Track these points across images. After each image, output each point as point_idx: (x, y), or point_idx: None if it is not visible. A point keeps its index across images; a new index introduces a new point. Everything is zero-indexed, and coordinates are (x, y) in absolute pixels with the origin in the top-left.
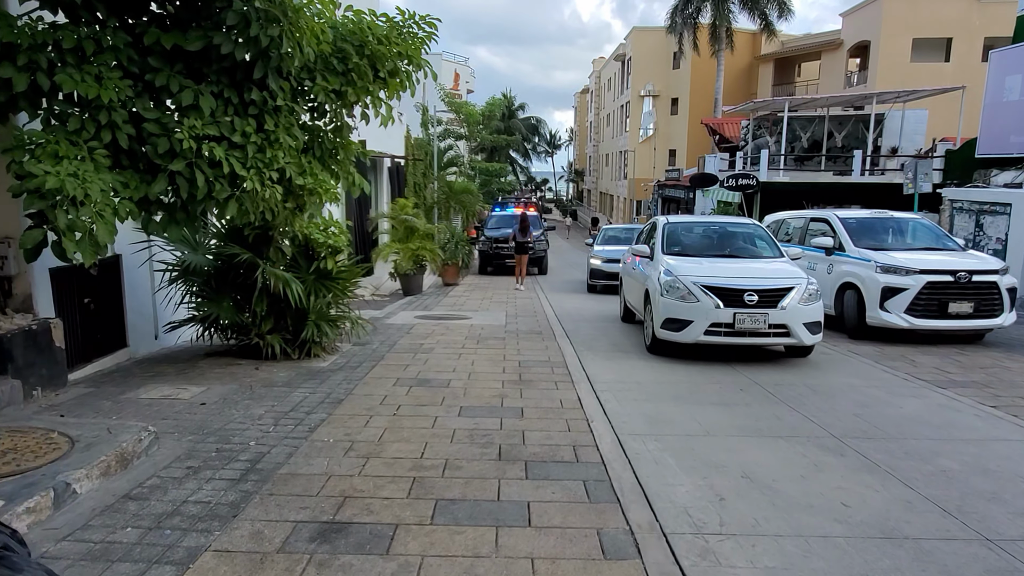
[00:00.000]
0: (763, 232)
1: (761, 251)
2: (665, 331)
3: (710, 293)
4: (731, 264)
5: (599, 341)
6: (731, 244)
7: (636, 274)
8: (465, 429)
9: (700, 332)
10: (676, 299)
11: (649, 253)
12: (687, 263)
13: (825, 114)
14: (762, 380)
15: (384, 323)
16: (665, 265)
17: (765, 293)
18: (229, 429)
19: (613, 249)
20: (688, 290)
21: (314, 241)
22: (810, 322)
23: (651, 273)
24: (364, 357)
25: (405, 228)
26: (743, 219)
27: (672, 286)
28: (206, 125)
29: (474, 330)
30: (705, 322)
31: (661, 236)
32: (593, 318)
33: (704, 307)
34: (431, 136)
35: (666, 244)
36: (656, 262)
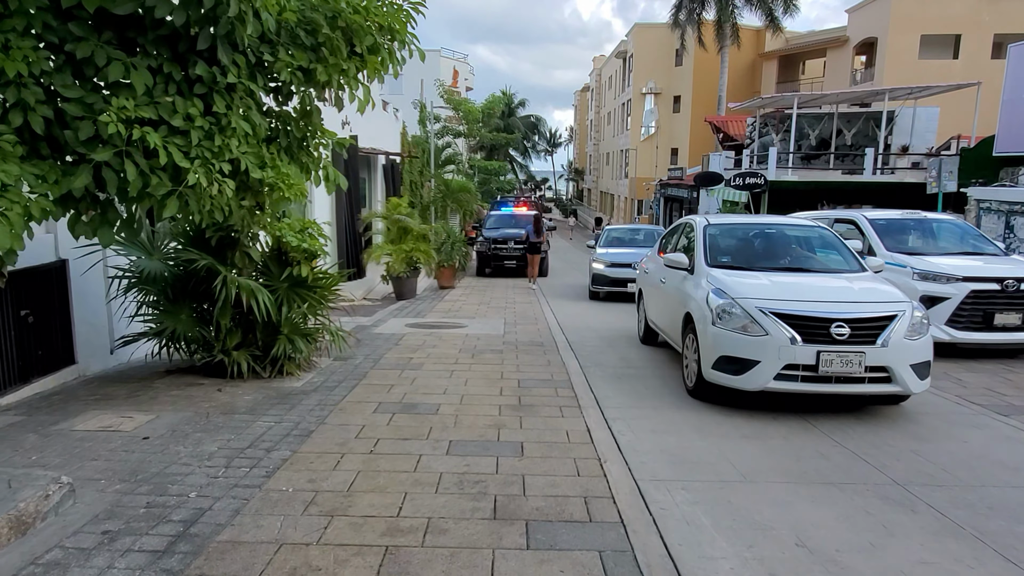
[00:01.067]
0: (831, 236)
1: (833, 262)
2: (719, 373)
3: (783, 323)
4: (803, 281)
5: (606, 355)
6: (793, 253)
7: (668, 290)
8: (454, 473)
9: (769, 376)
10: (734, 330)
11: (687, 265)
12: (745, 280)
13: (834, 111)
14: None
15: (371, 332)
16: (715, 282)
17: (860, 324)
18: (170, 473)
19: (618, 252)
20: (751, 318)
21: (286, 244)
22: (918, 362)
23: (693, 291)
24: (344, 375)
25: (398, 228)
26: (802, 220)
27: (728, 312)
28: (140, 106)
29: (469, 341)
30: (777, 362)
31: (703, 243)
32: (602, 332)
33: (775, 342)
34: (428, 133)
35: (710, 253)
36: (699, 276)
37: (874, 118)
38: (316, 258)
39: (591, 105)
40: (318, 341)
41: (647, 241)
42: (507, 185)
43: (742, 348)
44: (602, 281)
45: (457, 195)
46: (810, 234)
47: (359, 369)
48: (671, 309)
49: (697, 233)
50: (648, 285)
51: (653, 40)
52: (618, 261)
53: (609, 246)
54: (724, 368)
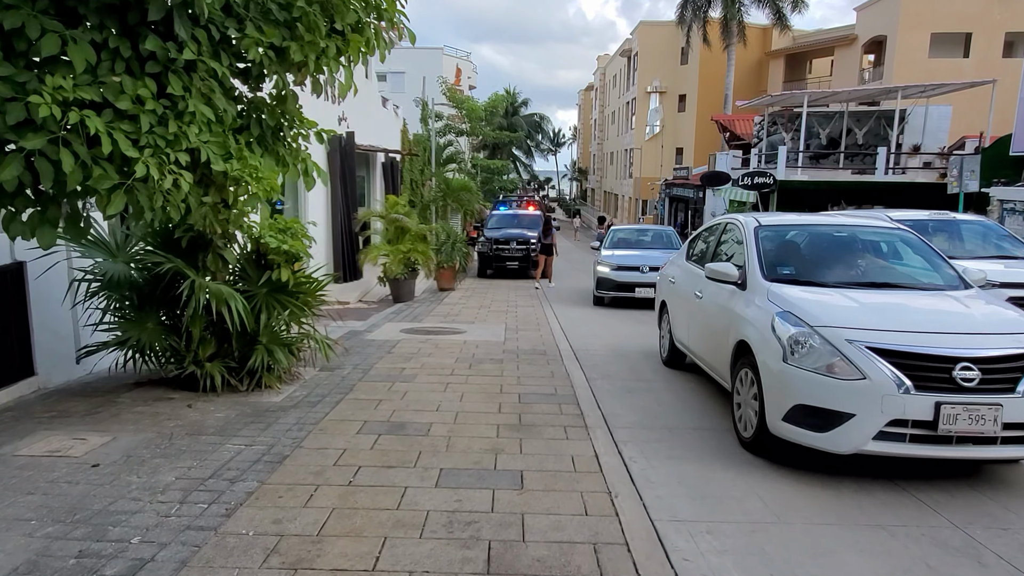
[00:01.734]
0: (917, 241)
1: (924, 274)
2: (793, 427)
3: (886, 362)
4: (903, 303)
5: (613, 366)
6: (871, 262)
7: (707, 307)
8: (443, 511)
9: (868, 435)
10: (815, 370)
11: (737, 277)
12: (823, 300)
13: (844, 110)
14: None
15: (363, 339)
16: (780, 302)
17: (993, 364)
18: (114, 512)
19: (625, 254)
20: (840, 354)
21: (265, 246)
22: None
23: (748, 312)
24: (329, 388)
25: (395, 228)
26: (878, 220)
27: (805, 344)
28: (80, 86)
29: (467, 349)
30: (879, 417)
31: (756, 249)
32: (609, 340)
33: (876, 388)
34: (430, 131)
35: (767, 262)
36: (754, 293)
37: (885, 117)
38: (298, 261)
39: (595, 104)
40: (301, 351)
41: (656, 243)
42: (510, 184)
43: (828, 396)
44: (607, 285)
45: (458, 194)
46: (889, 238)
47: (346, 381)
48: (713, 332)
49: (746, 236)
50: (676, 297)
51: (658, 38)
52: (625, 264)
53: (615, 248)
54: (801, 421)
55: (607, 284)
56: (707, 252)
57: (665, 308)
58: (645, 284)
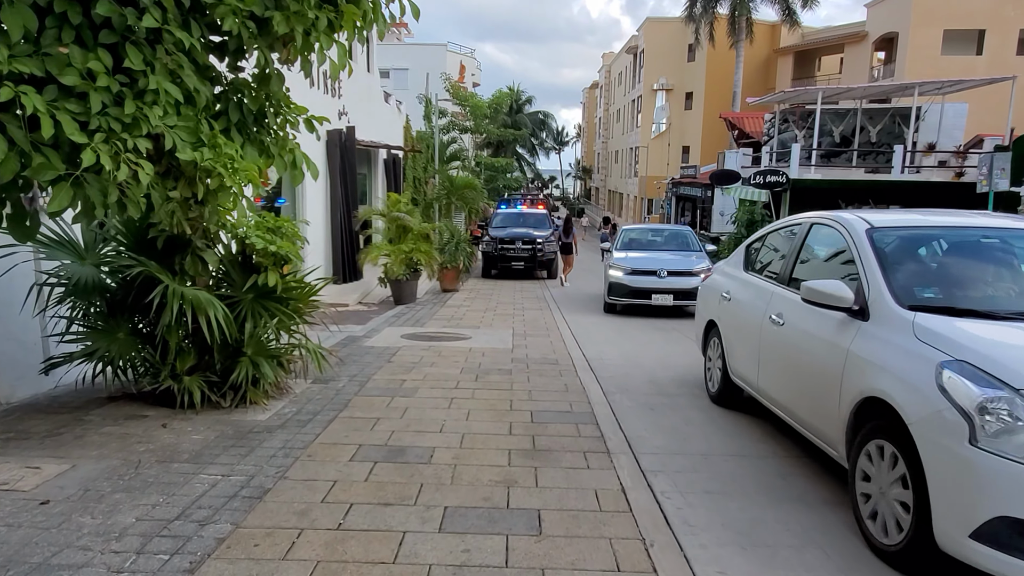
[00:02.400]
0: None
1: None
2: (992, 551)
3: None
4: None
5: (632, 379)
6: None
7: (793, 338)
8: (448, 566)
9: None
10: None
11: (854, 303)
12: (1015, 341)
13: (857, 107)
14: None
15: (362, 346)
16: (947, 344)
17: None
18: (56, 566)
19: (639, 257)
20: None
21: (250, 247)
22: None
23: (883, 355)
24: (322, 403)
25: (397, 227)
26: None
27: (1009, 416)
28: (18, 57)
29: (473, 357)
30: None
31: (875, 262)
32: (625, 349)
33: None
34: (434, 128)
35: (899, 282)
36: (886, 326)
37: (900, 115)
38: (288, 263)
39: (600, 102)
40: (292, 362)
41: (672, 244)
42: (514, 183)
43: None
44: (621, 291)
45: (462, 192)
46: None
47: (341, 396)
48: (808, 376)
49: (855, 243)
50: (732, 318)
51: (665, 35)
52: (641, 268)
53: (628, 250)
54: (1009, 543)
55: (620, 290)
56: (783, 263)
57: (715, 330)
58: (663, 290)
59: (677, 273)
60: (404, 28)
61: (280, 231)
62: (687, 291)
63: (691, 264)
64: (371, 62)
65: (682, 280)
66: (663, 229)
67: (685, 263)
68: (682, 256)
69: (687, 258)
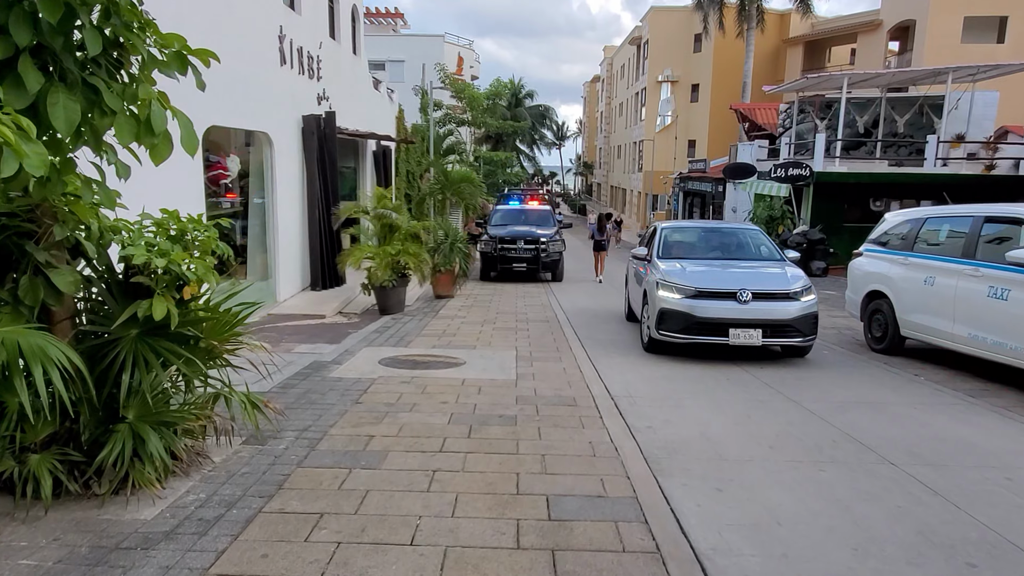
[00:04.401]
0: None
1: None
2: None
3: None
4: None
5: (687, 441)
6: None
7: None
8: None
9: None
10: None
11: None
12: None
13: (881, 96)
14: None
15: (326, 377)
16: None
17: None
18: None
19: (706, 271)
20: None
21: (128, 258)
22: None
23: None
24: (246, 484)
25: (383, 226)
26: None
27: None
28: None
29: (466, 396)
30: None
31: None
32: (664, 389)
33: None
34: (428, 114)
35: None
36: None
37: (929, 104)
38: (188, 285)
39: (601, 96)
40: (206, 421)
41: (740, 250)
42: (515, 177)
43: None
44: (679, 323)
45: (458, 186)
46: None
47: (277, 467)
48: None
49: None
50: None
51: (670, 25)
52: (710, 287)
53: (676, 259)
54: None
55: (678, 321)
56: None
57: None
58: (747, 322)
59: (766, 296)
60: (400, 19)
61: (184, 239)
62: (783, 324)
63: (785, 282)
64: (358, 43)
65: (775, 307)
66: (719, 228)
67: (776, 280)
68: (766, 269)
69: (775, 272)
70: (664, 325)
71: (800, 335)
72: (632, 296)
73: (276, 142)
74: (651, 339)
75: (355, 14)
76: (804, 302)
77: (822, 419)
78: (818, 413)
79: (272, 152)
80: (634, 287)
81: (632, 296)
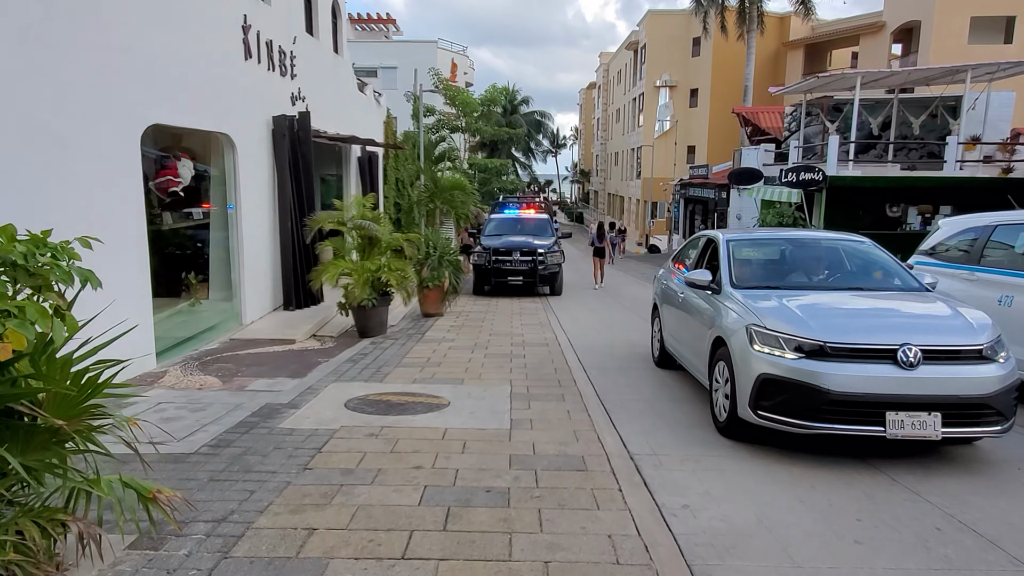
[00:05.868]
0: None
1: None
2: None
3: None
4: None
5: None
6: None
7: None
8: None
9: None
10: None
11: None
12: None
13: (894, 97)
14: None
15: (277, 428)
16: None
17: None
18: None
19: (831, 310)
20: None
21: None
22: None
23: None
24: None
25: (362, 238)
26: None
27: None
28: None
29: (446, 455)
30: None
31: None
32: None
33: None
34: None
35: None
36: None
37: (945, 104)
38: (21, 336)
39: (598, 103)
40: (56, 529)
41: (864, 274)
42: (510, 185)
43: None
44: (799, 400)
45: (449, 193)
46: None
47: None
48: None
49: None
50: None
51: (668, 29)
52: (849, 341)
53: (763, 287)
54: None
55: (796, 396)
56: None
57: None
58: (916, 403)
59: (943, 354)
60: (392, 25)
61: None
62: (974, 403)
63: (967, 331)
64: (340, 41)
65: (959, 374)
66: (811, 240)
67: (950, 327)
68: (915, 306)
69: (937, 313)
70: (767, 402)
71: (999, 421)
72: (675, 334)
73: (240, 145)
74: (737, 420)
75: (336, 9)
76: (1002, 364)
77: None
78: None
79: (235, 156)
80: (677, 321)
81: (675, 334)
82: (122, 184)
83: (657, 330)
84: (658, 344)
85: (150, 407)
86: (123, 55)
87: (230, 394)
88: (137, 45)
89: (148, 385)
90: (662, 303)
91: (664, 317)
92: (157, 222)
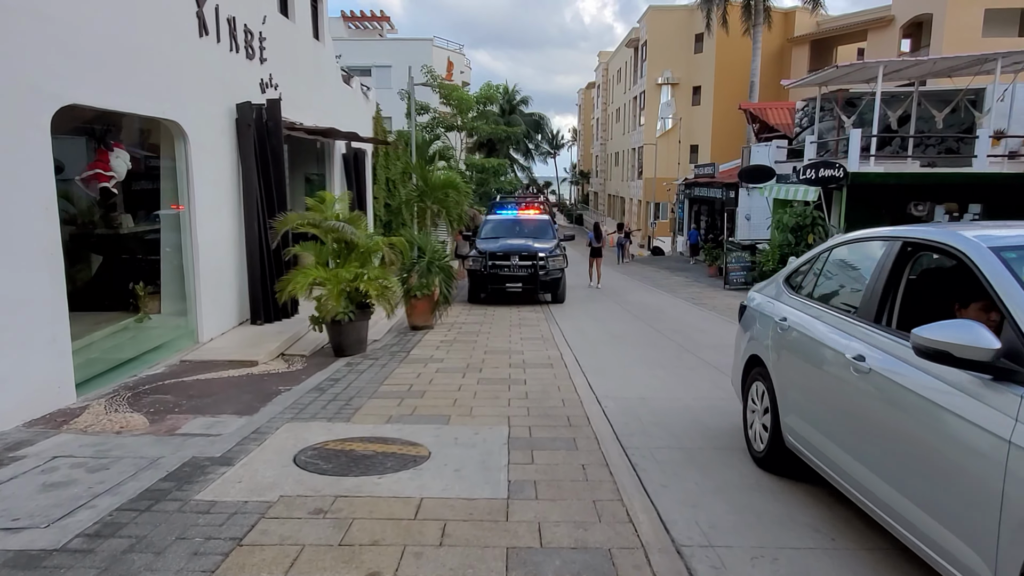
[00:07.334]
0: None
1: None
2: None
3: None
4: None
5: None
6: None
7: None
8: None
9: None
10: None
11: None
12: None
13: (915, 90)
14: None
15: (189, 500)
16: None
17: None
18: None
19: None
20: None
21: None
22: None
23: None
24: None
25: (337, 242)
26: None
27: None
28: None
29: (417, 548)
30: None
31: None
32: None
33: None
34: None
35: None
36: None
37: (968, 97)
38: None
39: (597, 103)
40: None
41: None
42: (508, 186)
43: None
44: None
45: (442, 192)
46: None
47: None
48: None
49: None
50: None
51: (669, 25)
52: None
53: None
54: None
55: None
56: None
57: None
58: None
59: None
60: (387, 23)
61: None
62: None
63: None
64: (321, 26)
65: None
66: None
67: None
68: None
69: None
70: None
71: None
72: (843, 441)
73: (193, 135)
74: None
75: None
76: None
77: None
78: None
79: (187, 147)
80: (856, 421)
81: (843, 441)
82: (23, 176)
83: (763, 407)
84: (764, 429)
85: (38, 465)
86: (24, 17)
87: (152, 442)
88: (46, 6)
89: (53, 428)
90: (786, 367)
91: (794, 395)
92: (99, 223)
